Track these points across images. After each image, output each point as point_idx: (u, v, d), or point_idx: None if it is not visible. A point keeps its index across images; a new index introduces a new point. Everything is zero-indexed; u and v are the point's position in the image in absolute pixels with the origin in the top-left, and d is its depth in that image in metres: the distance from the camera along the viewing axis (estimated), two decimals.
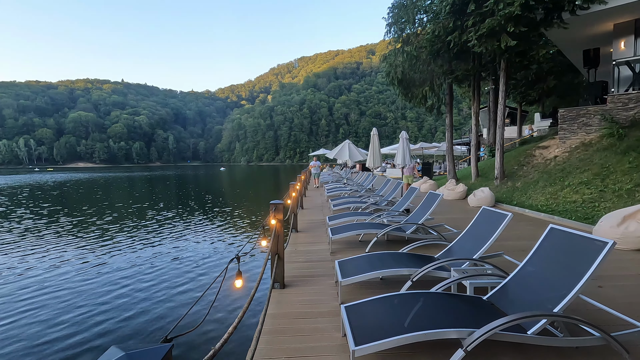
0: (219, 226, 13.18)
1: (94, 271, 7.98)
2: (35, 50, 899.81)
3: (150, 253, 9.45)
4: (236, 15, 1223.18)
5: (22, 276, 7.65)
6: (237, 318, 1.96)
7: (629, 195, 7.07)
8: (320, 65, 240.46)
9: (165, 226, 13.14)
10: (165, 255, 9.29)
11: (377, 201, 9.25)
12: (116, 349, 0.96)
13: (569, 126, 10.78)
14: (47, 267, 8.27)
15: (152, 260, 8.82)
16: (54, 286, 7.08)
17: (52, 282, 7.27)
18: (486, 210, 4.35)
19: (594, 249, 2.51)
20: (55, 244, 10.39)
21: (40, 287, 6.99)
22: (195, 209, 17.58)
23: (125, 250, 9.79)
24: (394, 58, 14.31)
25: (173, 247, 10.12)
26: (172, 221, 14.15)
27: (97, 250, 9.75)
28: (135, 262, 8.61)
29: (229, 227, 13.09)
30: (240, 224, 13.74)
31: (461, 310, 2.64)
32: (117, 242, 10.64)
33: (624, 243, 5.20)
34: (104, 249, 9.85)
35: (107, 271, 8.00)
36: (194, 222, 13.93)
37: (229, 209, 17.73)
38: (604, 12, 9.79)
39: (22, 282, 7.27)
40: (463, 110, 68.45)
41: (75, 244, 10.52)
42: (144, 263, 8.55)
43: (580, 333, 2.63)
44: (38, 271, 7.97)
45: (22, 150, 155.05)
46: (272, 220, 3.92)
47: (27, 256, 9.17)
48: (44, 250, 9.70)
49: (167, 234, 11.86)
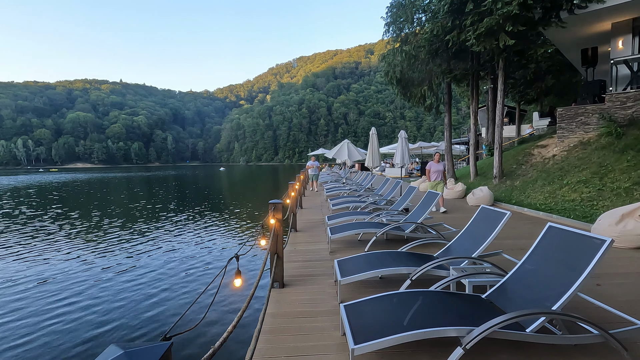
0: (218, 225, 13.17)
1: (93, 270, 7.96)
2: (33, 51, 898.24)
3: (150, 252, 9.44)
4: (234, 15, 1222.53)
5: (19, 275, 7.64)
6: (236, 317, 1.96)
7: (627, 193, 7.09)
8: (319, 65, 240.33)
9: (165, 225, 13.13)
10: (165, 254, 9.28)
11: (376, 200, 9.26)
12: (115, 347, 0.96)
13: (568, 125, 10.81)
14: (44, 266, 8.25)
15: (151, 259, 8.81)
16: (52, 284, 7.07)
17: (50, 281, 7.26)
18: (485, 209, 4.35)
19: (592, 247, 2.52)
20: (53, 242, 10.37)
21: (37, 286, 6.97)
22: (195, 209, 17.56)
23: (124, 249, 9.77)
24: (392, 57, 14.32)
25: (173, 246, 10.11)
26: (173, 220, 14.14)
27: (95, 249, 9.73)
28: (134, 261, 8.60)
29: (229, 226, 13.09)
30: (240, 223, 13.73)
31: (460, 309, 2.65)
32: (117, 241, 10.62)
33: (622, 241, 5.22)
34: (102, 248, 9.83)
35: (105, 269, 7.99)
36: (194, 222, 13.93)
37: (229, 208, 17.72)
38: (602, 11, 9.81)
39: (18, 280, 7.26)
40: (462, 109, 68.54)
41: (73, 242, 10.49)
42: (142, 261, 8.54)
43: (578, 331, 2.65)
44: (36, 270, 7.95)
45: (21, 151, 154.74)
46: (271, 220, 3.92)
47: (23, 255, 9.15)
48: (41, 249, 9.68)
49: (167, 233, 11.85)
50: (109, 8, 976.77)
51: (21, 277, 7.65)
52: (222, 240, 10.96)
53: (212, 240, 10.84)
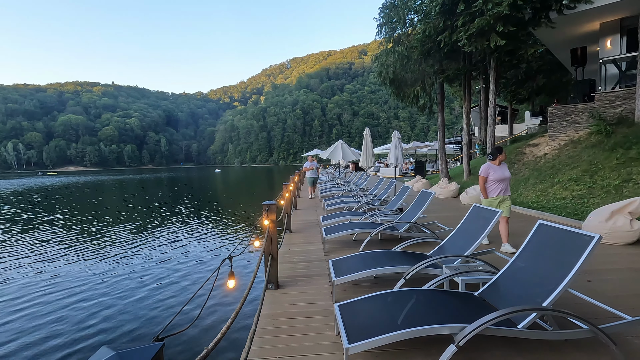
0: (213, 227, 13.11)
1: (85, 271, 7.88)
2: (23, 53, 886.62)
3: (143, 253, 9.36)
4: (228, 16, 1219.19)
5: (14, 277, 7.54)
6: (230, 318, 1.96)
7: (617, 190, 7.20)
8: (312, 66, 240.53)
9: (159, 226, 13.03)
10: (158, 255, 9.21)
11: (371, 200, 9.29)
12: (107, 348, 0.96)
13: (558, 124, 10.95)
14: (39, 267, 8.15)
15: (144, 260, 8.74)
16: (45, 286, 6.99)
17: (43, 283, 7.17)
18: (477, 207, 4.40)
19: (581, 243, 2.56)
20: (46, 245, 10.24)
21: (32, 287, 6.89)
22: (190, 211, 17.46)
23: (117, 250, 9.68)
24: (385, 58, 14.39)
25: (166, 247, 10.04)
26: (166, 222, 14.04)
27: (88, 251, 9.63)
28: (126, 262, 8.53)
29: (223, 228, 13.03)
30: (236, 224, 13.68)
31: (453, 307, 2.67)
32: (110, 243, 10.52)
33: (612, 238, 5.30)
34: (96, 250, 9.73)
35: (98, 272, 7.92)
36: (188, 223, 13.84)
37: (224, 210, 17.64)
38: (590, 11, 9.96)
39: (12, 282, 7.16)
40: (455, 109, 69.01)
41: (67, 244, 10.37)
42: (135, 263, 8.47)
43: (569, 326, 2.68)
44: (30, 271, 7.85)
45: (11, 155, 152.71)
46: (265, 221, 3.92)
47: (20, 259, 9.03)
48: (33, 252, 9.56)
49: (160, 234, 11.76)
50: (100, 10, 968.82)
51: (11, 278, 7.54)
52: (217, 241, 10.91)
53: (206, 242, 10.79)
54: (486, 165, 5.35)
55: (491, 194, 5.28)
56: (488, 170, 5.28)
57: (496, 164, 5.32)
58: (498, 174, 5.22)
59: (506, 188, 5.27)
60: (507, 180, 5.27)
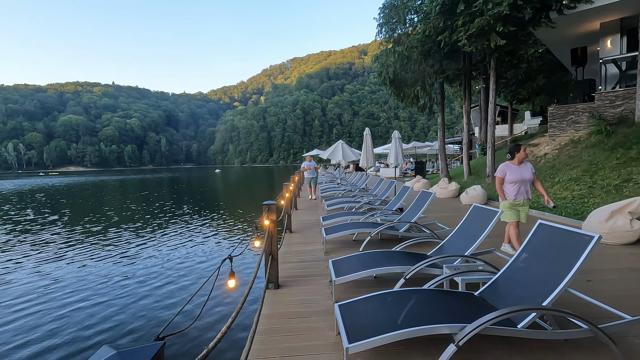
0: (214, 227, 13.11)
1: (86, 271, 7.89)
2: (23, 54, 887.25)
3: (144, 253, 9.36)
4: (228, 16, 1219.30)
5: (16, 277, 7.54)
6: (230, 318, 1.97)
7: (617, 190, 7.20)
8: (312, 66, 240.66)
9: (159, 226, 13.03)
10: (158, 255, 9.22)
11: (371, 200, 9.29)
12: (108, 347, 0.97)
13: (559, 124, 10.94)
14: (39, 266, 8.15)
15: (144, 260, 8.75)
16: (46, 285, 6.99)
17: (44, 282, 7.18)
18: (477, 207, 4.40)
19: (581, 243, 2.57)
20: (48, 244, 10.25)
21: (32, 286, 6.90)
22: (191, 211, 17.46)
23: (118, 250, 9.69)
24: (385, 58, 14.39)
25: (166, 247, 10.04)
26: (167, 221, 14.04)
27: (89, 251, 9.64)
28: (127, 262, 8.53)
29: (224, 228, 13.03)
30: (236, 224, 13.68)
31: (453, 306, 2.67)
32: (111, 243, 10.52)
33: (612, 237, 5.30)
34: (97, 250, 9.74)
35: (99, 271, 7.92)
36: (189, 223, 13.84)
37: (225, 209, 17.65)
38: (590, 11, 9.96)
39: (14, 282, 7.17)
40: (455, 109, 68.99)
41: (68, 245, 10.38)
42: (136, 263, 8.48)
43: (568, 326, 2.69)
44: (31, 271, 7.86)
45: (11, 155, 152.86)
46: (265, 221, 3.92)
47: (20, 257, 9.04)
48: (36, 251, 9.57)
49: (160, 234, 11.76)
50: (100, 10, 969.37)
51: (13, 278, 7.55)
52: (217, 241, 10.91)
53: (206, 242, 10.79)
54: (503, 165, 4.92)
55: (509, 197, 4.89)
56: (504, 171, 4.88)
57: (515, 163, 4.87)
58: (515, 174, 4.79)
59: (527, 190, 4.84)
60: (526, 182, 4.80)
